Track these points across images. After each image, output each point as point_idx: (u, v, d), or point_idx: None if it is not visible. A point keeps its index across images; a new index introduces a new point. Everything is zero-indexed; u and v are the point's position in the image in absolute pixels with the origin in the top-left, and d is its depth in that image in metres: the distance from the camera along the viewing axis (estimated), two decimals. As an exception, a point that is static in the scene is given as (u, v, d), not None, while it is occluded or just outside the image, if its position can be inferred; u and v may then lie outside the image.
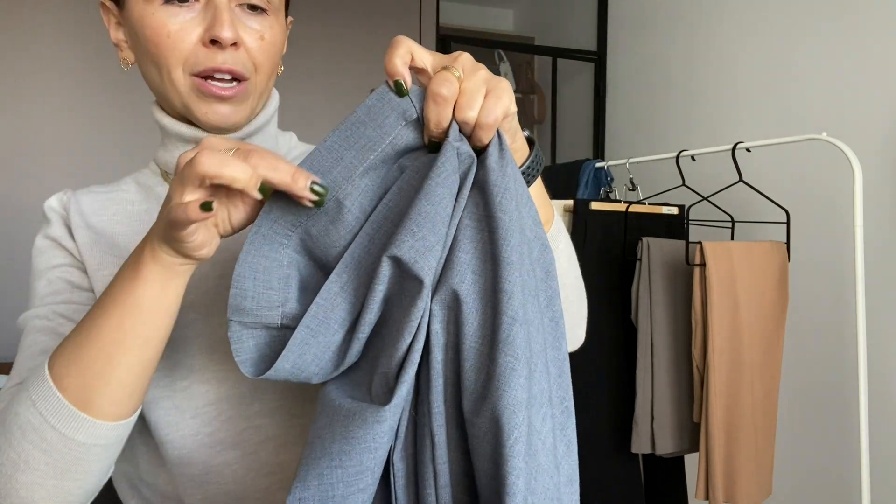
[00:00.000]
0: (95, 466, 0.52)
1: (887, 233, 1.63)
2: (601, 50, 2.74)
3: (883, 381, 1.63)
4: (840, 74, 1.76)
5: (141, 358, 0.51)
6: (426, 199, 0.46)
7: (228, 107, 0.62)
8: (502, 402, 0.43)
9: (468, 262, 0.46)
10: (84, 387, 0.49)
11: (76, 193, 0.69)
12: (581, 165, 2.19)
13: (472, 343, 0.46)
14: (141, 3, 0.59)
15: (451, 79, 0.47)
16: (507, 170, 0.48)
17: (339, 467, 0.44)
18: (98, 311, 0.51)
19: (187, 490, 0.60)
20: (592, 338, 1.70)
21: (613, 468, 1.71)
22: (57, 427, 0.49)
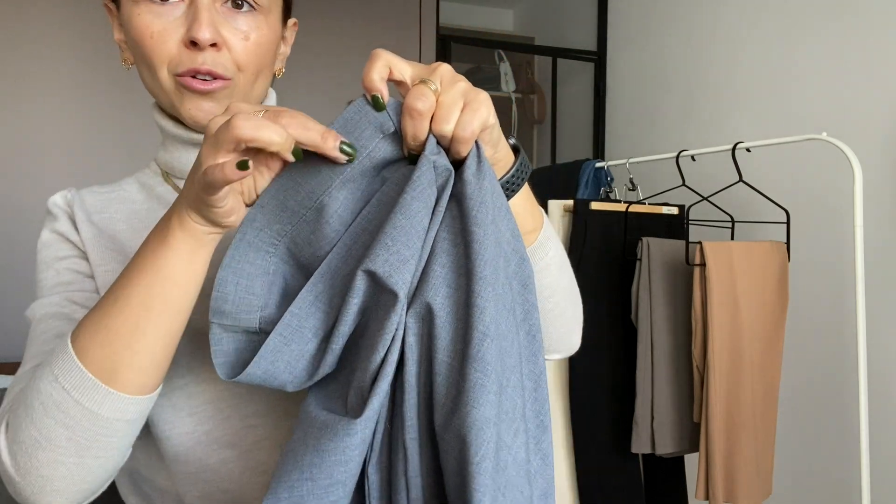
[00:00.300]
0: (117, 443, 0.52)
1: (887, 233, 1.63)
2: (601, 50, 2.74)
3: (883, 381, 1.63)
4: (840, 74, 1.76)
5: (169, 328, 0.51)
6: (401, 212, 0.46)
7: (211, 103, 0.62)
8: (470, 419, 0.43)
9: (443, 275, 0.46)
10: (110, 357, 0.49)
11: (79, 192, 0.70)
12: (581, 165, 2.19)
13: (443, 357, 0.46)
14: (130, 3, 0.60)
15: (427, 92, 0.47)
16: (483, 183, 0.47)
17: (309, 479, 0.44)
18: (124, 280, 0.50)
19: (185, 487, 0.60)
20: (592, 338, 1.70)
21: (613, 468, 1.71)
22: (81, 401, 0.49)
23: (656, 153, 2.02)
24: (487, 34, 3.38)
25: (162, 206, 0.69)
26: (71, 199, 0.68)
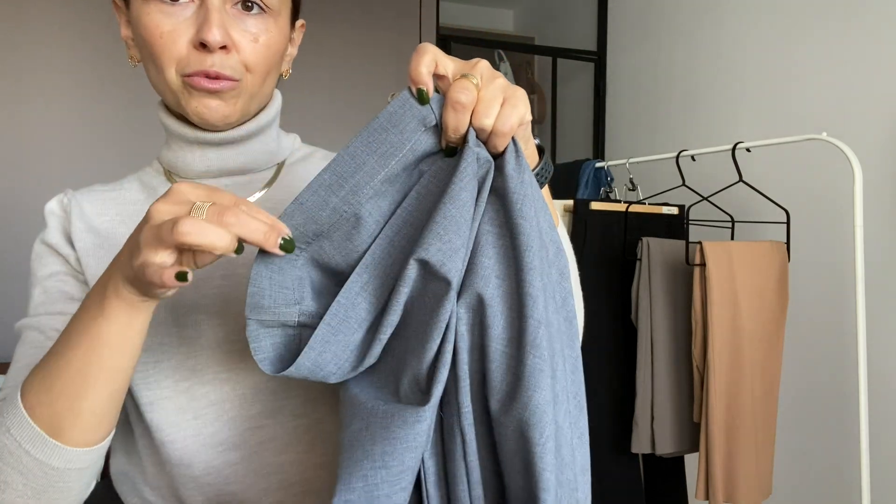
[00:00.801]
0: (72, 486, 0.54)
1: (887, 233, 1.63)
2: (601, 50, 2.74)
3: (883, 381, 1.63)
4: (840, 74, 1.76)
5: (109, 389, 0.52)
6: (451, 202, 0.47)
7: (217, 101, 0.62)
8: (533, 402, 0.45)
9: (492, 266, 0.48)
10: (55, 416, 0.51)
11: (77, 194, 0.69)
12: (581, 165, 2.20)
13: (497, 345, 0.47)
14: (140, 2, 0.60)
15: (470, 87, 0.47)
16: (524, 176, 0.49)
17: (383, 468, 0.46)
18: (65, 344, 0.51)
19: (188, 491, 0.61)
20: (592, 338, 1.70)
21: (613, 468, 1.71)
22: (31, 453, 0.51)
23: (656, 153, 2.02)
24: (487, 34, 3.38)
25: None
26: (67, 205, 0.68)
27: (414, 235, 0.49)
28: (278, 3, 0.63)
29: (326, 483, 0.62)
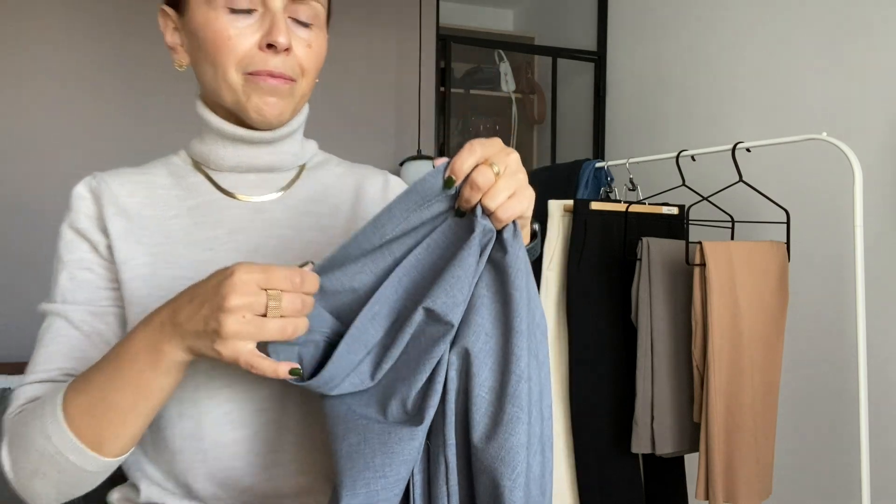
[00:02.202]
0: (100, 479, 0.63)
1: (887, 233, 1.63)
2: (601, 50, 2.74)
3: (883, 381, 1.63)
4: (840, 74, 1.76)
5: (149, 419, 0.61)
6: (459, 266, 0.57)
7: (276, 98, 0.68)
8: (508, 444, 0.54)
9: (483, 325, 0.57)
10: (98, 436, 0.59)
11: (105, 176, 0.73)
12: (581, 165, 2.19)
13: (481, 392, 0.56)
14: (205, 8, 0.66)
15: (490, 174, 0.56)
16: (519, 253, 0.58)
17: (382, 477, 0.54)
18: (112, 385, 0.58)
19: (194, 465, 0.66)
20: (592, 338, 1.70)
21: (613, 468, 1.71)
22: (71, 460, 0.59)
23: (656, 153, 2.02)
24: (487, 34, 3.38)
25: (192, 195, 0.73)
26: (97, 188, 0.71)
27: (419, 280, 0.60)
28: (322, 16, 0.71)
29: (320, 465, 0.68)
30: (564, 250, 1.76)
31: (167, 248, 0.69)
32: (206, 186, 0.73)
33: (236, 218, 0.72)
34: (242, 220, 0.72)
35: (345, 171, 0.81)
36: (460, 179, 0.57)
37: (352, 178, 0.81)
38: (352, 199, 0.78)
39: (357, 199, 0.78)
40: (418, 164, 2.19)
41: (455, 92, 3.16)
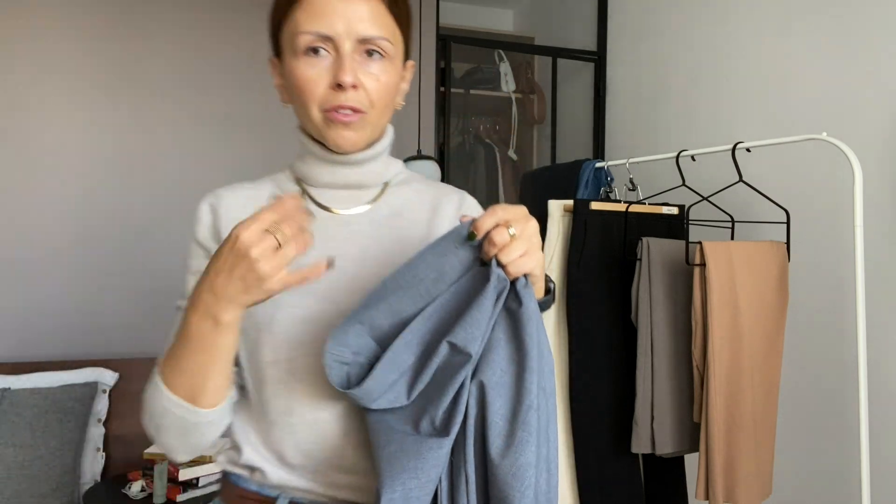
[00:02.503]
0: (205, 433, 0.77)
1: (887, 233, 1.63)
2: (601, 50, 2.74)
3: (883, 381, 1.63)
4: (840, 74, 1.76)
5: (223, 373, 0.75)
6: (477, 309, 0.70)
7: (349, 131, 0.80)
8: (518, 463, 0.66)
9: (499, 362, 0.70)
10: (189, 390, 0.74)
11: (223, 192, 0.88)
12: (581, 165, 2.19)
13: (494, 419, 0.68)
14: (290, 57, 0.79)
15: (505, 235, 0.70)
16: (529, 303, 0.71)
17: (415, 478, 0.66)
18: (188, 348, 0.73)
19: (284, 437, 0.80)
20: (593, 338, 1.70)
21: (613, 468, 1.71)
22: (176, 413, 0.74)
23: (656, 153, 2.02)
24: (487, 34, 3.38)
25: None
26: (216, 205, 0.86)
27: (445, 318, 0.73)
28: (393, 49, 0.81)
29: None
30: (564, 250, 1.76)
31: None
32: (305, 200, 0.87)
33: (328, 228, 0.85)
34: (333, 230, 0.85)
35: (424, 189, 0.92)
36: (480, 235, 0.71)
37: (430, 195, 0.91)
38: (429, 215, 0.89)
39: (433, 215, 0.89)
40: (419, 164, 2.19)
41: (455, 92, 3.15)
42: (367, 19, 0.78)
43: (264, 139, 2.65)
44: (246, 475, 0.84)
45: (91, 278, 2.43)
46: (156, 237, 2.51)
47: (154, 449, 2.09)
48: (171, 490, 1.97)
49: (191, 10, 2.59)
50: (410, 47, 0.88)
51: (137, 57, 2.51)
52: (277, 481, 0.81)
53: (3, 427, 2.04)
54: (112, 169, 2.47)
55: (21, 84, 2.38)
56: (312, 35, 0.77)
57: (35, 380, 2.16)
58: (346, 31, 0.77)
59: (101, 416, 2.27)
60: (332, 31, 0.77)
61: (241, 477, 0.84)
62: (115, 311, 2.46)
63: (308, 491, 0.81)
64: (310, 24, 0.77)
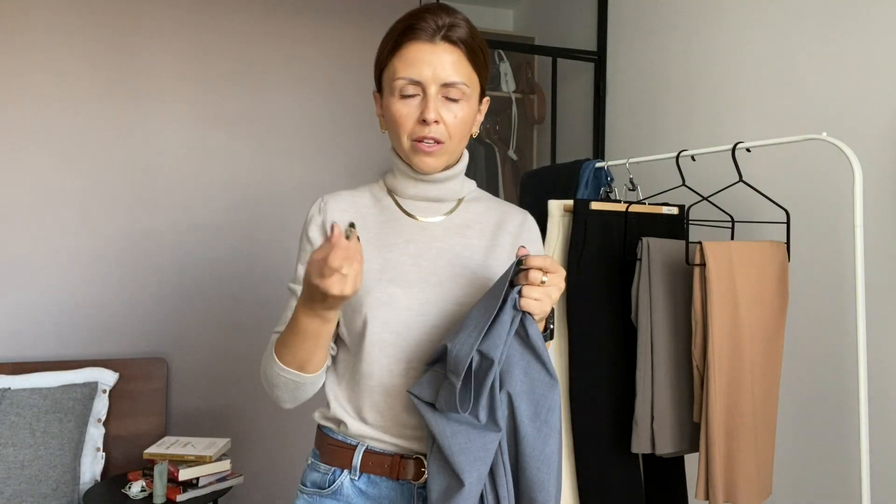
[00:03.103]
0: (308, 389, 1.00)
1: (887, 233, 1.63)
2: (601, 50, 2.74)
3: (883, 381, 1.63)
4: (840, 74, 1.76)
5: (323, 351, 0.96)
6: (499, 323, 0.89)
7: (431, 158, 1.01)
8: (545, 452, 0.89)
9: (517, 375, 0.91)
10: (299, 364, 0.96)
11: (329, 198, 1.08)
12: (581, 165, 2.19)
13: (523, 418, 0.90)
14: (389, 97, 1.00)
15: (538, 277, 0.89)
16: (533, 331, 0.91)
17: (484, 462, 0.87)
18: (297, 335, 0.93)
19: (363, 396, 1.01)
20: (593, 338, 1.70)
21: (613, 468, 1.71)
22: (288, 377, 0.97)
23: (656, 153, 2.02)
24: (487, 34, 3.38)
25: (384, 213, 1.08)
26: (324, 208, 1.07)
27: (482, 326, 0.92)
28: (470, 91, 1.01)
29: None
30: (564, 250, 1.76)
31: (364, 246, 1.02)
32: (394, 208, 1.08)
33: (411, 231, 1.05)
34: (414, 233, 1.05)
35: (492, 206, 1.12)
36: (525, 265, 0.90)
37: (496, 212, 1.11)
38: (493, 228, 1.09)
39: (498, 229, 1.09)
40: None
41: (455, 92, 3.15)
42: (450, 67, 0.98)
43: (288, 142, 2.65)
44: (333, 427, 1.06)
45: (91, 278, 2.43)
46: (157, 237, 2.51)
47: (154, 449, 2.09)
48: (171, 490, 1.97)
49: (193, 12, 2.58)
50: (486, 87, 1.08)
51: (135, 50, 2.51)
52: (356, 432, 1.02)
53: (3, 427, 2.04)
54: (114, 168, 2.48)
55: (15, 74, 2.38)
56: (406, 80, 0.98)
57: (35, 380, 2.16)
58: (433, 77, 0.97)
59: (100, 416, 2.27)
60: (421, 77, 0.97)
61: (329, 429, 1.06)
62: (115, 311, 2.45)
63: (379, 440, 1.01)
64: (404, 71, 0.98)
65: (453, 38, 0.98)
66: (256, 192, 2.64)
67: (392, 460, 1.01)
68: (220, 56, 2.61)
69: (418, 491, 1.01)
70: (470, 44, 1.00)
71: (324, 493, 1.04)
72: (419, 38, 0.97)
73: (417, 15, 0.98)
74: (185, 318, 2.53)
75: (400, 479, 1.01)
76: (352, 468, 1.02)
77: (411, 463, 1.00)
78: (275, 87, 2.67)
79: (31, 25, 2.38)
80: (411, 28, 0.98)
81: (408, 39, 0.98)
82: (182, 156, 2.56)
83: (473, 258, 1.04)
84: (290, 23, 2.70)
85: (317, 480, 1.06)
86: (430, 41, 0.97)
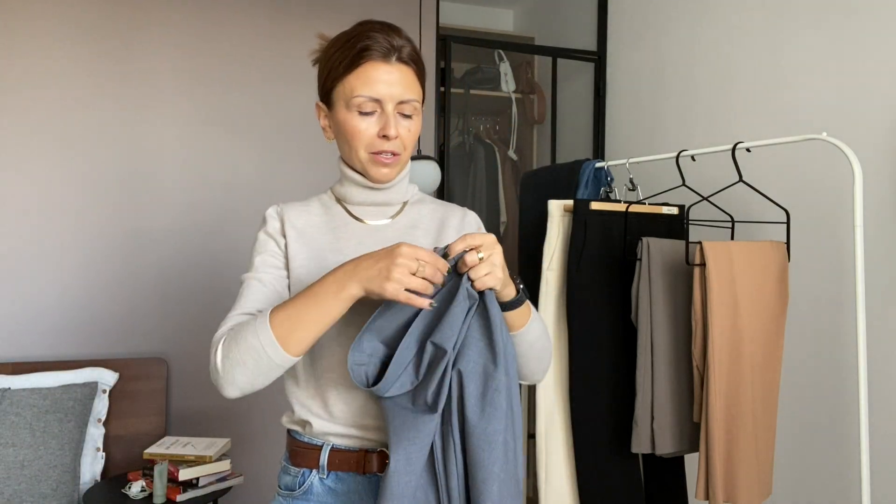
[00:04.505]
0: (273, 375, 0.96)
1: (887, 233, 1.63)
2: (601, 50, 2.74)
3: (883, 381, 1.63)
4: (840, 74, 1.76)
5: (316, 331, 0.94)
6: (451, 314, 0.92)
7: (389, 169, 1.07)
8: (488, 430, 0.91)
9: (471, 355, 0.93)
10: (287, 337, 0.93)
11: (284, 206, 1.13)
12: (581, 165, 2.19)
13: (471, 398, 0.92)
14: (344, 111, 1.05)
15: (475, 258, 0.93)
16: (494, 311, 0.94)
17: (413, 444, 0.92)
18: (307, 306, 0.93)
19: (328, 390, 1.05)
20: (593, 338, 1.70)
21: (613, 468, 1.71)
22: (267, 352, 0.93)
23: (656, 153, 2.02)
24: (487, 34, 3.38)
25: (334, 220, 1.13)
26: (281, 212, 1.12)
27: (431, 322, 0.94)
28: (420, 106, 1.08)
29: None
30: (564, 250, 1.76)
31: (319, 251, 1.09)
32: (343, 214, 1.13)
33: (362, 234, 1.11)
34: (365, 236, 1.11)
35: (436, 207, 1.18)
36: (452, 255, 0.92)
37: (439, 212, 1.17)
38: (437, 226, 1.15)
39: (441, 226, 1.15)
40: (419, 164, 2.19)
41: (455, 92, 3.16)
42: (405, 86, 1.05)
43: (278, 143, 2.65)
44: (299, 430, 1.09)
45: (91, 278, 2.43)
46: (156, 237, 2.51)
47: (154, 449, 2.09)
48: (171, 490, 1.97)
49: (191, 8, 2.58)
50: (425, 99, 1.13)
51: (133, 49, 2.51)
52: (321, 430, 1.05)
53: (3, 427, 2.04)
54: (114, 168, 2.47)
55: (12, 73, 2.38)
56: (365, 98, 1.03)
57: (35, 380, 2.16)
58: (390, 95, 1.03)
59: (100, 416, 2.27)
60: (380, 95, 1.03)
61: (296, 432, 1.10)
62: (115, 311, 2.46)
63: (345, 435, 1.05)
64: (363, 89, 1.03)
65: (405, 58, 1.05)
66: (257, 192, 2.64)
67: (357, 456, 1.04)
68: (220, 56, 2.61)
69: None
70: (417, 62, 1.08)
71: (295, 495, 1.07)
72: (375, 58, 1.03)
73: (370, 35, 1.04)
74: (185, 318, 2.53)
75: (367, 472, 1.04)
76: (319, 467, 1.06)
77: (376, 456, 1.04)
78: (274, 86, 2.67)
79: (29, 25, 2.38)
80: (367, 48, 1.03)
81: (365, 59, 1.03)
82: (182, 155, 2.55)
83: None
84: (290, 22, 2.70)
85: (288, 483, 1.09)
86: (386, 61, 1.04)
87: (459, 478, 0.93)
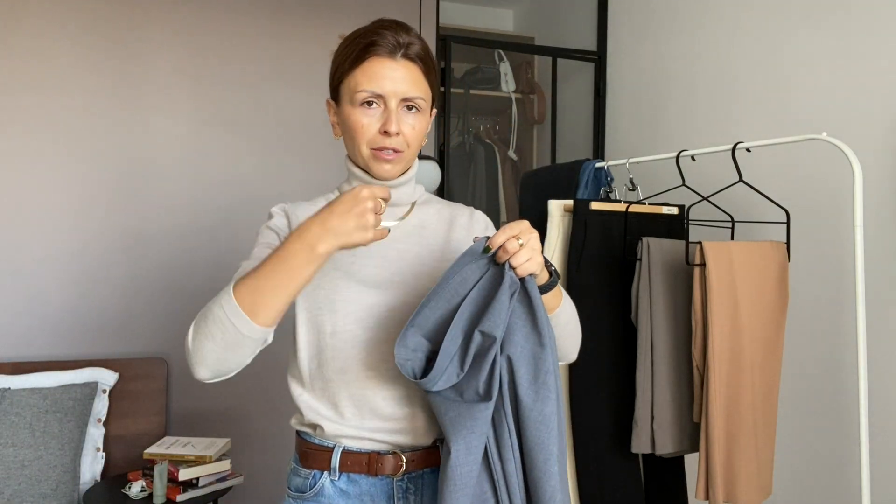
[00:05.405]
0: (245, 351, 0.93)
1: (887, 233, 1.63)
2: (601, 50, 2.74)
3: (883, 381, 1.63)
4: (840, 74, 1.76)
5: (287, 298, 0.92)
6: (497, 301, 0.93)
7: (390, 165, 1.06)
8: (544, 412, 0.93)
9: (518, 341, 0.95)
10: (254, 305, 0.90)
11: (291, 205, 1.14)
12: (581, 165, 2.19)
13: (521, 381, 0.94)
14: (349, 107, 1.05)
15: (516, 245, 0.92)
16: (536, 295, 0.95)
17: (472, 433, 0.92)
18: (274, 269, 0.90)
19: (340, 392, 1.04)
20: (593, 338, 1.70)
21: (613, 468, 1.71)
22: (234, 322, 0.90)
23: (656, 153, 2.02)
24: (487, 34, 3.38)
25: None
26: (287, 210, 1.13)
27: (475, 312, 0.95)
28: (426, 104, 1.08)
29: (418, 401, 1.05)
30: (564, 250, 1.76)
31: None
32: None
33: None
34: None
35: (442, 207, 1.18)
36: (494, 248, 0.93)
37: (447, 212, 1.17)
38: (446, 227, 1.15)
39: (450, 227, 1.15)
40: (419, 164, 2.19)
41: (455, 92, 3.15)
42: (409, 83, 1.04)
43: (277, 148, 2.65)
44: (310, 431, 1.08)
45: (91, 278, 2.43)
46: (156, 237, 2.51)
47: (154, 449, 2.09)
48: (171, 490, 1.97)
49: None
50: (436, 99, 1.13)
51: (133, 49, 2.51)
52: (333, 433, 1.05)
53: (3, 427, 2.04)
54: (114, 168, 2.47)
55: (11, 73, 2.38)
56: (368, 93, 1.03)
57: (35, 380, 2.16)
58: (393, 92, 1.03)
59: (100, 416, 2.26)
60: (383, 90, 1.03)
61: (306, 433, 1.09)
62: (115, 311, 2.45)
63: (356, 437, 1.04)
64: (367, 84, 1.03)
65: (411, 56, 1.06)
66: (257, 192, 2.64)
67: (369, 458, 1.04)
68: (220, 56, 2.61)
69: (397, 484, 1.05)
70: (426, 60, 1.08)
71: (306, 497, 1.07)
72: (381, 54, 1.04)
73: (378, 31, 1.05)
74: (185, 318, 2.53)
75: (378, 474, 1.04)
76: (331, 469, 1.05)
77: (388, 458, 1.04)
78: (275, 86, 2.67)
79: (28, 24, 2.38)
80: (374, 44, 1.04)
81: (370, 55, 1.04)
82: (183, 155, 2.55)
83: (432, 256, 1.11)
84: (291, 22, 2.70)
85: (299, 485, 1.08)
86: (392, 57, 1.04)
87: (517, 462, 0.94)
